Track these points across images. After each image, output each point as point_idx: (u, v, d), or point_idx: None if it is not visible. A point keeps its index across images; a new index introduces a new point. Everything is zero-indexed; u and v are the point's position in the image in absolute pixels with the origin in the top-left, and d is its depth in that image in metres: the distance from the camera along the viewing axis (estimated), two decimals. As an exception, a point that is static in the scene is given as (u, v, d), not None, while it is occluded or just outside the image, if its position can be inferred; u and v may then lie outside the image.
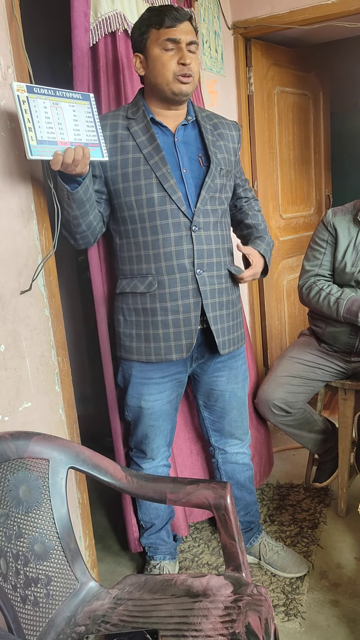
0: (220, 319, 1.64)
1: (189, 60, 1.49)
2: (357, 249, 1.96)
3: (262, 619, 1.12)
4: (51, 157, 1.30)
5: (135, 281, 1.62)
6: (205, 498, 1.25)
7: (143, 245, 1.59)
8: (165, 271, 1.57)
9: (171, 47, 1.49)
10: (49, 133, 1.30)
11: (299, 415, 2.10)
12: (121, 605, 1.23)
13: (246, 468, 1.91)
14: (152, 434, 1.76)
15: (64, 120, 1.34)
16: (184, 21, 1.49)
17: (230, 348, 1.69)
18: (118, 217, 1.62)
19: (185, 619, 1.14)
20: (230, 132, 1.70)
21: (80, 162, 1.34)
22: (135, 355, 1.67)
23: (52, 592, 1.21)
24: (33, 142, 1.26)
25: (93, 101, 1.42)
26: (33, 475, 1.23)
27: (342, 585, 1.82)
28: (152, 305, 1.60)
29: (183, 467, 2.08)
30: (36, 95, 1.29)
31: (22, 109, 1.25)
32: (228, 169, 1.66)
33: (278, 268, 3.18)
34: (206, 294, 1.60)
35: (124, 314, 1.67)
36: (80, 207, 1.47)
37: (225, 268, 1.65)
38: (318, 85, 3.40)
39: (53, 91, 1.33)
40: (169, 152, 1.57)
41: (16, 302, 1.43)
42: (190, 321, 1.59)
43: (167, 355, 1.62)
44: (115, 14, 1.72)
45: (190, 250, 1.56)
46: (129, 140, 1.55)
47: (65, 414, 1.62)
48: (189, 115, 1.62)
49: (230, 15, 2.69)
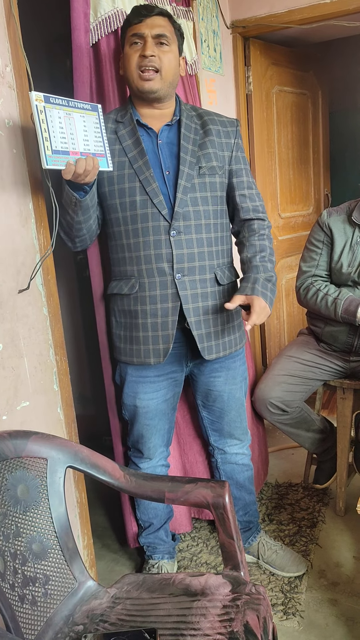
0: (204, 323, 1.61)
1: (150, 51, 1.48)
2: (353, 249, 1.96)
3: (260, 618, 1.12)
4: (64, 167, 1.32)
5: (121, 283, 1.63)
6: (204, 497, 1.25)
7: (127, 248, 1.60)
8: (146, 274, 1.58)
9: (137, 42, 1.50)
10: (63, 143, 1.32)
11: (296, 414, 2.10)
12: (119, 604, 1.23)
13: (246, 468, 1.90)
14: (148, 433, 1.75)
15: (75, 131, 1.36)
16: (152, 16, 1.50)
17: (218, 353, 1.66)
18: (107, 219, 1.64)
19: (183, 618, 1.14)
20: (223, 129, 1.65)
21: (90, 173, 1.36)
22: (123, 356, 1.68)
23: (50, 591, 1.21)
24: (49, 152, 1.28)
25: (100, 112, 1.44)
26: (31, 474, 1.23)
27: (341, 584, 1.82)
28: (134, 307, 1.61)
29: (195, 465, 2.07)
30: (52, 105, 1.30)
31: (39, 118, 1.27)
32: (214, 165, 1.59)
33: (277, 267, 3.18)
34: (186, 298, 1.58)
35: (114, 315, 1.69)
36: (85, 213, 1.49)
37: (212, 272, 1.62)
38: (317, 84, 3.40)
39: (66, 101, 1.34)
40: (153, 154, 1.57)
41: (14, 301, 1.42)
42: (167, 325, 1.59)
43: (146, 359, 1.62)
44: (116, 12, 1.71)
45: (169, 254, 1.55)
46: (115, 144, 1.56)
47: (64, 413, 1.62)
48: (174, 116, 1.61)
49: (229, 15, 2.69)
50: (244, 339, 1.80)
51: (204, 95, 2.44)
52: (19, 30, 1.40)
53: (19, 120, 1.41)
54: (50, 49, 2.59)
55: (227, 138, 1.65)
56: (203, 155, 1.59)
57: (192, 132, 1.61)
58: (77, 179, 1.36)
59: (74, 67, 1.66)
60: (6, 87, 1.37)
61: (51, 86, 2.56)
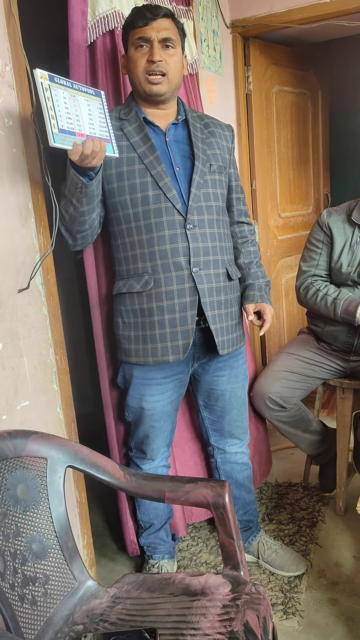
0: (219, 318, 1.63)
1: (158, 57, 1.49)
2: (352, 248, 1.96)
3: (260, 618, 1.12)
4: (71, 147, 1.29)
5: (132, 281, 1.61)
6: (204, 497, 1.25)
7: (138, 244, 1.58)
8: (161, 269, 1.56)
9: (143, 45, 1.50)
10: (69, 123, 1.30)
11: (293, 412, 2.09)
12: (119, 604, 1.23)
13: (245, 467, 1.90)
14: (153, 434, 1.75)
15: (80, 113, 1.34)
16: (158, 19, 1.49)
17: (230, 348, 1.67)
18: (112, 217, 1.62)
19: (183, 617, 1.14)
20: (223, 132, 1.70)
21: (97, 155, 1.33)
22: (134, 357, 1.65)
23: (50, 591, 1.20)
24: (55, 130, 1.26)
25: (104, 98, 1.43)
26: (31, 474, 1.23)
27: (341, 584, 1.82)
28: (149, 304, 1.59)
29: (187, 467, 2.07)
30: (57, 85, 1.29)
31: (45, 96, 1.25)
32: (220, 164, 1.65)
33: (276, 267, 3.18)
34: (204, 292, 1.59)
35: (122, 316, 1.66)
36: (90, 202, 1.46)
37: (223, 266, 1.64)
38: (317, 84, 3.39)
39: (70, 83, 1.33)
40: (162, 151, 1.57)
41: (14, 301, 1.42)
42: (187, 320, 1.58)
43: (164, 357, 1.61)
44: (114, 12, 1.71)
45: (186, 248, 1.56)
46: (122, 140, 1.55)
47: (63, 412, 1.62)
48: (179, 115, 1.63)
49: (229, 14, 2.69)
50: (245, 337, 1.83)
51: (204, 94, 2.44)
52: (19, 30, 1.40)
53: (19, 120, 1.41)
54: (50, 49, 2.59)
55: (226, 141, 1.71)
56: (212, 154, 1.63)
57: (199, 132, 1.64)
58: (83, 161, 1.32)
59: (71, 64, 1.66)
60: (6, 86, 1.37)
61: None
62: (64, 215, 1.49)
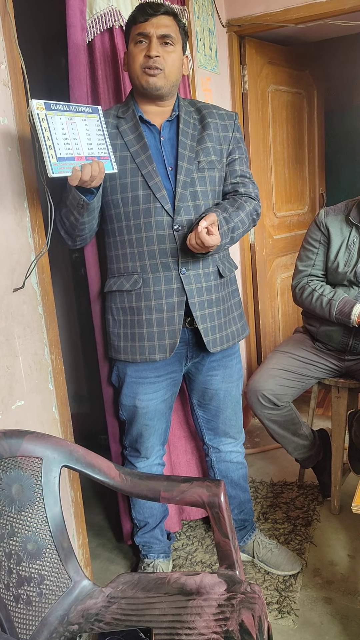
0: (209, 317, 1.63)
1: (155, 52, 1.48)
2: (349, 248, 1.96)
3: (255, 617, 1.12)
4: (70, 174, 1.30)
5: (122, 279, 1.62)
6: (199, 496, 1.25)
7: (128, 244, 1.59)
8: (150, 269, 1.57)
9: (142, 41, 1.50)
10: (67, 149, 1.31)
11: (285, 411, 2.08)
12: (115, 603, 1.23)
13: (240, 466, 1.91)
14: (146, 433, 1.75)
15: (78, 135, 1.35)
16: (158, 15, 1.49)
17: (222, 345, 1.67)
18: (106, 215, 1.62)
19: (178, 617, 1.14)
20: (221, 122, 1.65)
21: (96, 178, 1.35)
22: (122, 354, 1.67)
23: (45, 590, 1.20)
24: (53, 160, 1.27)
25: (101, 113, 1.43)
26: (26, 473, 1.23)
27: (335, 583, 1.82)
28: (137, 303, 1.60)
29: (177, 466, 2.08)
30: (53, 112, 1.29)
31: (42, 127, 1.25)
32: (212, 159, 1.61)
33: (272, 266, 3.18)
34: (192, 292, 1.59)
35: (112, 313, 1.67)
36: (90, 215, 1.49)
37: (214, 265, 1.63)
38: (312, 83, 3.40)
39: (67, 106, 1.33)
40: (156, 151, 1.57)
41: (9, 300, 1.42)
42: (174, 320, 1.58)
43: (151, 355, 1.61)
44: (111, 10, 1.71)
45: (174, 249, 1.55)
46: (117, 139, 1.55)
47: (59, 412, 1.62)
48: (173, 111, 1.61)
49: (225, 13, 2.69)
50: (246, 329, 1.81)
51: (199, 93, 2.44)
52: (14, 28, 1.39)
53: (14, 118, 1.41)
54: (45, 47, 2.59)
55: (225, 132, 1.66)
56: (202, 149, 1.60)
57: (191, 127, 1.61)
58: (83, 184, 1.35)
59: (70, 64, 1.65)
60: (1, 84, 1.37)
61: (46, 84, 2.55)
62: (65, 221, 1.50)
